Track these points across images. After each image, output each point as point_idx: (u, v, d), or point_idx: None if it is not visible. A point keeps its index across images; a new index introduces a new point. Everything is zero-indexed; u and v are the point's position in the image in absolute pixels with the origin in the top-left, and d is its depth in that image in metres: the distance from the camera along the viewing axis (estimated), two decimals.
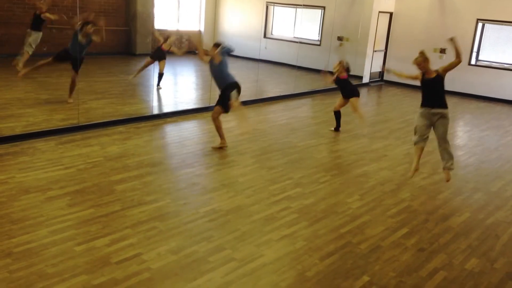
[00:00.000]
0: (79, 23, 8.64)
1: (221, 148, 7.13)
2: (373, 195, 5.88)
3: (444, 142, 6.20)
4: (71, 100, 8.67)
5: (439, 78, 6.24)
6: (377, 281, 3.99)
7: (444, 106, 6.28)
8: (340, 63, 8.64)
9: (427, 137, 6.33)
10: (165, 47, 10.62)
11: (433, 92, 6.28)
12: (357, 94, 8.65)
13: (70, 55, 8.59)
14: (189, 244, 4.33)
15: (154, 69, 12.45)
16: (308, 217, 5.10)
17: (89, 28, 8.53)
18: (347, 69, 8.66)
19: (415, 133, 6.39)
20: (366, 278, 4.02)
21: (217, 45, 7.19)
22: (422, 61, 6.41)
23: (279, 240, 4.54)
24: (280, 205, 5.33)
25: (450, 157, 6.17)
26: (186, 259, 4.08)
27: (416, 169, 6.30)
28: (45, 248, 4.06)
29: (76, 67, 8.60)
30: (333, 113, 8.73)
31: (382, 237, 4.79)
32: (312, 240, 4.59)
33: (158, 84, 10.76)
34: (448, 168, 6.15)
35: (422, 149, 6.33)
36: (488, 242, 4.88)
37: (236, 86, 7.06)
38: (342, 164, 6.98)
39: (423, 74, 6.34)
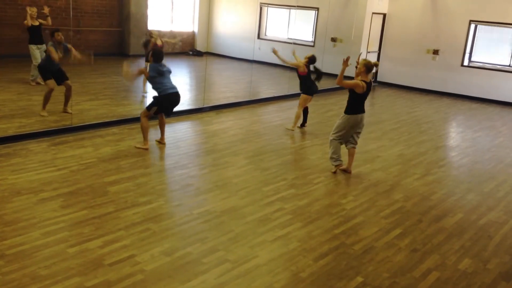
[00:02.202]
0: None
1: (144, 149, 6.83)
2: (366, 196, 5.90)
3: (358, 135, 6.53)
4: (70, 110, 8.24)
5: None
6: (370, 282, 4.00)
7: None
8: (306, 58, 8.45)
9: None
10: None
11: (365, 98, 6.33)
12: (309, 93, 8.55)
13: (55, 70, 8.08)
14: (182, 245, 4.32)
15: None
16: (302, 218, 5.11)
17: (58, 35, 8.01)
18: (308, 67, 8.49)
19: (337, 138, 6.41)
20: (360, 279, 4.02)
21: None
22: (365, 69, 6.25)
23: (273, 241, 4.54)
24: (274, 206, 5.33)
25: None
26: (179, 261, 4.07)
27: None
28: (38, 250, 4.04)
29: (63, 77, 8.17)
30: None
31: (376, 238, 4.81)
32: (306, 241, 4.60)
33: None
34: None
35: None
36: (481, 243, 4.91)
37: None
38: None
39: (365, 82, 6.20)
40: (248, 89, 11.69)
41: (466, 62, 13.48)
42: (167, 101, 6.83)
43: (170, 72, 7.00)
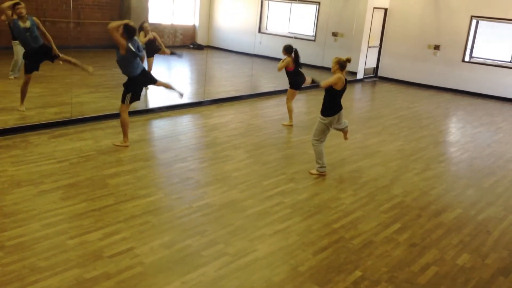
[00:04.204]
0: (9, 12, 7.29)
1: (124, 146, 6.61)
2: (366, 190, 5.90)
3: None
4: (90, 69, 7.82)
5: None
6: (369, 276, 4.01)
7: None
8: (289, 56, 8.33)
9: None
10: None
11: (341, 96, 6.16)
12: (296, 87, 8.53)
13: (29, 54, 7.46)
14: (182, 238, 4.33)
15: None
16: (301, 212, 5.11)
17: (18, 8, 7.22)
18: (294, 61, 8.39)
19: (319, 140, 6.15)
20: (358, 273, 4.04)
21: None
22: (339, 67, 6.06)
23: (272, 235, 4.55)
24: (274, 200, 5.33)
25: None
26: (179, 254, 4.08)
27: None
28: (38, 241, 4.05)
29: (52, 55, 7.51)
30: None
31: (375, 232, 4.82)
32: (305, 235, 4.61)
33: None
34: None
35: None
36: (480, 238, 4.92)
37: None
38: (335, 159, 6.99)
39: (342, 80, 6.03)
40: (248, 83, 11.68)
41: (467, 58, 13.46)
42: (136, 84, 6.45)
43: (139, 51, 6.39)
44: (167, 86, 6.99)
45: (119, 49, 6.28)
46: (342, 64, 6.04)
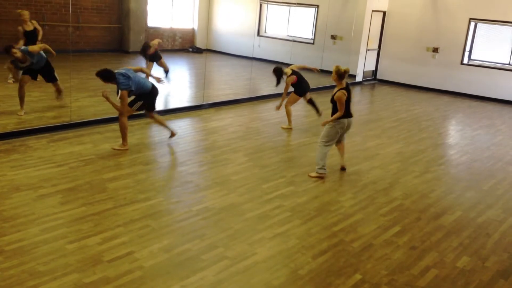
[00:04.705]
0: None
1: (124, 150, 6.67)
2: (365, 193, 5.90)
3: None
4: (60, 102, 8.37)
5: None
6: (369, 279, 4.01)
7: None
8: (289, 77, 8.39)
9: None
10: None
11: (349, 103, 6.44)
12: (301, 94, 8.63)
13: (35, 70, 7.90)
14: (181, 242, 4.33)
15: (147, 66, 12.41)
16: (301, 215, 5.11)
17: (14, 53, 7.54)
18: (296, 74, 8.50)
19: (328, 142, 6.30)
20: (358, 276, 4.03)
21: None
22: (337, 77, 6.25)
23: (272, 238, 4.54)
24: (273, 203, 5.33)
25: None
26: (178, 257, 4.07)
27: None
28: (37, 246, 4.04)
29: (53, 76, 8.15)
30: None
31: (374, 235, 4.81)
32: (305, 238, 4.60)
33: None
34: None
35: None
36: (480, 241, 4.92)
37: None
38: (335, 162, 6.99)
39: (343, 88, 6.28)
40: (247, 86, 11.68)
41: (465, 60, 13.47)
42: (149, 96, 6.86)
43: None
44: (161, 123, 7.22)
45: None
46: (340, 75, 6.19)
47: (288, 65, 13.74)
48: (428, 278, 4.12)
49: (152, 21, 16.27)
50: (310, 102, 8.97)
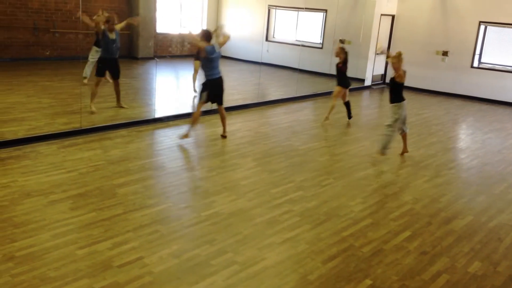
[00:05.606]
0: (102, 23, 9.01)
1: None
2: (375, 198, 5.87)
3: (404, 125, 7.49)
4: (125, 106, 9.06)
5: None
6: (379, 285, 3.98)
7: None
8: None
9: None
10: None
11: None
12: (343, 85, 9.36)
13: (106, 60, 8.80)
14: (191, 247, 4.33)
15: (156, 72, 12.50)
16: (310, 220, 5.09)
17: (113, 23, 8.96)
18: (345, 60, 9.21)
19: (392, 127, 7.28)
20: (368, 282, 4.00)
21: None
22: (397, 62, 7.04)
23: (281, 244, 4.53)
24: (282, 208, 5.32)
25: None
26: (188, 263, 4.07)
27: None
28: (47, 252, 4.06)
29: (118, 73, 8.97)
30: (331, 116, 8.74)
31: (385, 240, 4.78)
32: (315, 243, 4.58)
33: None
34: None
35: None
36: (491, 245, 4.87)
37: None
38: (344, 167, 6.97)
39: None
40: (256, 91, 11.70)
41: (475, 64, 13.39)
42: (207, 86, 7.45)
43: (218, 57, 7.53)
44: (223, 120, 7.86)
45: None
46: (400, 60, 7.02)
47: (296, 69, 13.81)
48: (439, 283, 4.09)
49: (161, 27, 16.36)
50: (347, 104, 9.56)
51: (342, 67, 9.20)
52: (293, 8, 15.96)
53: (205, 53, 7.26)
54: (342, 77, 9.28)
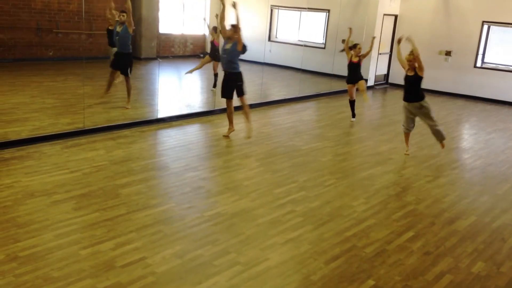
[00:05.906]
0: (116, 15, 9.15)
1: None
2: (378, 198, 5.86)
3: (431, 122, 7.46)
4: (128, 106, 9.07)
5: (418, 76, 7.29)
6: (382, 285, 3.97)
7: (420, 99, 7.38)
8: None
9: (413, 126, 7.64)
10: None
11: (411, 87, 7.42)
12: (350, 81, 9.63)
13: (118, 55, 8.94)
14: (194, 247, 4.33)
15: (159, 72, 12.52)
16: (313, 220, 5.09)
17: (123, 16, 8.78)
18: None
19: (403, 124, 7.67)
20: (371, 282, 4.00)
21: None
22: (413, 59, 7.27)
23: (284, 244, 4.53)
24: (285, 209, 5.32)
25: (439, 134, 7.56)
26: (191, 263, 4.08)
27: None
28: (51, 252, 4.07)
29: (125, 69, 9.02)
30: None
31: (388, 240, 4.77)
32: (317, 244, 4.58)
33: (214, 86, 11.51)
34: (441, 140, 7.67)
35: (408, 135, 7.75)
36: (495, 246, 4.85)
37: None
38: (347, 167, 6.97)
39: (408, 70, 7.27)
40: (258, 92, 11.69)
41: (479, 63, 13.36)
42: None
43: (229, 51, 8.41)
44: (247, 115, 8.03)
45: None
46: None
47: (298, 69, 13.79)
48: (442, 284, 4.08)
49: (164, 27, 16.39)
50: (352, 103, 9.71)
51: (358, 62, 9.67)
52: (295, 8, 15.95)
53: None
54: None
